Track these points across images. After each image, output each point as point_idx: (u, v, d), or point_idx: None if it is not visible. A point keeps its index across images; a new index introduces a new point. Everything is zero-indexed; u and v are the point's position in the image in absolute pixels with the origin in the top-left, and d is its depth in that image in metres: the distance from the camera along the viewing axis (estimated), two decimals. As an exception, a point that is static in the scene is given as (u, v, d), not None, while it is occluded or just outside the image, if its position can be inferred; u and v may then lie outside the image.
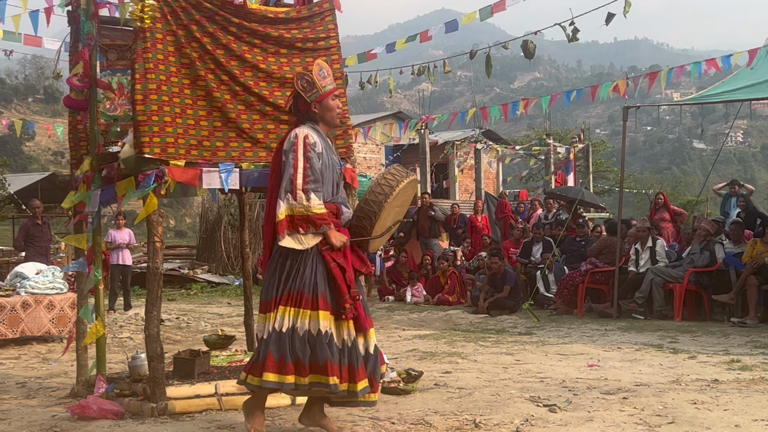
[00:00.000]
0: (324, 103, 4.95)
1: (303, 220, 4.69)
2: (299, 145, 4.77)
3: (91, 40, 6.16)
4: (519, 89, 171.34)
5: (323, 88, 4.94)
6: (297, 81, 4.93)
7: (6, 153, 54.64)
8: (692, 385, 6.45)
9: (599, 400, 5.89)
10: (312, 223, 4.69)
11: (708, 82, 16.10)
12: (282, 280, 4.74)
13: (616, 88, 15.39)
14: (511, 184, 41.45)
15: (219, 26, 6.01)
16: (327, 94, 4.96)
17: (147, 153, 5.58)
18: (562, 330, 10.70)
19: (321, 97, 4.93)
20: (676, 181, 66.66)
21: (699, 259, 11.81)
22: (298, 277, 4.70)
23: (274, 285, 4.75)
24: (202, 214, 25.18)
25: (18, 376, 7.70)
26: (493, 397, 6.06)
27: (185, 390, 5.78)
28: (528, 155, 31.62)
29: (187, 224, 71.63)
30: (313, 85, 4.91)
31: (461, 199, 30.49)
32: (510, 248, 16.07)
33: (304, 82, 4.91)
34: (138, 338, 10.26)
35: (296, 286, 4.69)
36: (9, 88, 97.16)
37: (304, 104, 4.93)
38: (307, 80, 4.91)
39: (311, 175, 4.73)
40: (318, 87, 4.92)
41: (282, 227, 4.67)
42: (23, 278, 10.25)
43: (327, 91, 4.96)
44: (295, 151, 4.75)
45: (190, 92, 5.85)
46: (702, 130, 61.77)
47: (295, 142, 4.78)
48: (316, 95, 4.92)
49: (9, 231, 34.02)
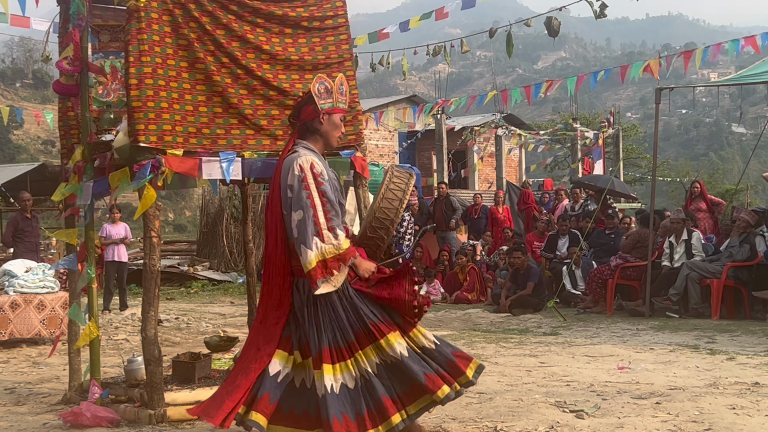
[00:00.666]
0: (333, 118, 4.88)
1: (335, 260, 4.59)
2: (309, 179, 4.63)
3: (81, 20, 6.18)
4: (543, 70, 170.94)
5: (338, 102, 4.90)
6: (315, 84, 4.84)
7: (-7, 142, 54.93)
8: (731, 388, 6.44)
9: (630, 405, 5.88)
10: (343, 261, 4.62)
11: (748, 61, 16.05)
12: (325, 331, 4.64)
13: (647, 68, 15.31)
14: (534, 173, 41.37)
15: (219, 4, 6.00)
16: (340, 110, 4.92)
17: (142, 141, 5.59)
18: (590, 330, 10.69)
19: (333, 110, 4.87)
20: (713, 168, 66.37)
21: (738, 252, 11.76)
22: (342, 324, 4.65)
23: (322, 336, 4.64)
24: (202, 207, 25.24)
25: (6, 381, 7.75)
26: (516, 403, 6.07)
27: (185, 396, 5.80)
28: (553, 141, 31.55)
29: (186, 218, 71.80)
30: (330, 93, 4.85)
31: (481, 189, 30.47)
32: (534, 242, 16.05)
33: (322, 87, 4.84)
34: (135, 340, 10.30)
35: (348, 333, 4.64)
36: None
37: (310, 112, 4.84)
38: (326, 87, 4.85)
39: (330, 209, 4.65)
40: (334, 99, 4.87)
41: (317, 275, 4.54)
42: (11, 276, 10.30)
43: (340, 108, 4.93)
44: (307, 188, 4.61)
45: (188, 76, 5.85)
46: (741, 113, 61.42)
47: (303, 176, 4.62)
48: (330, 105, 4.85)
49: (-4, 226, 34.19)
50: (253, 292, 7.63)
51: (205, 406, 4.65)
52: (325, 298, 4.62)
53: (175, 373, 6.27)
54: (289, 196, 4.63)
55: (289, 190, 4.64)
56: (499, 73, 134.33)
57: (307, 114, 4.85)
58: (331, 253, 4.57)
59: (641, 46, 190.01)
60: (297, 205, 4.59)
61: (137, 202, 5.67)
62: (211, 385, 5.95)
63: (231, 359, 6.89)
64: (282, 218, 4.70)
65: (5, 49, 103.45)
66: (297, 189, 4.61)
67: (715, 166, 69.13)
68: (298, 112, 4.91)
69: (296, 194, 4.61)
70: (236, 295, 17.63)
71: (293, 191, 4.62)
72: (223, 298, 17.27)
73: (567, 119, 36.20)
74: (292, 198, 4.61)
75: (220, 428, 4.51)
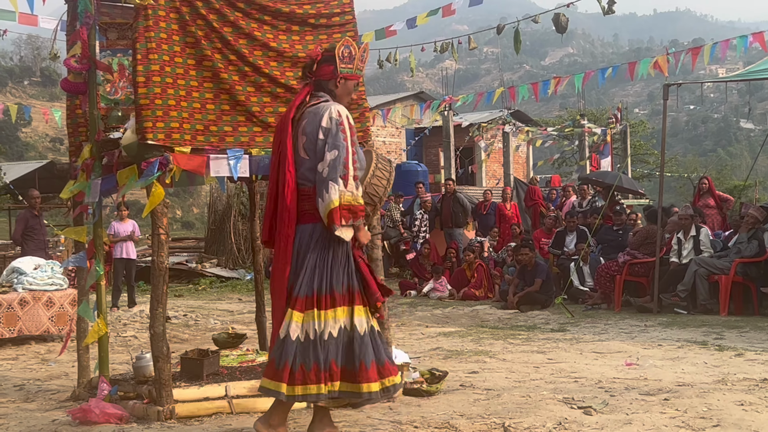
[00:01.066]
0: (348, 83, 4.95)
1: (348, 210, 4.65)
2: (345, 125, 4.72)
3: (89, 18, 6.18)
4: (550, 66, 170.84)
5: (357, 69, 4.97)
6: (340, 48, 4.88)
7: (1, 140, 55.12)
8: (739, 384, 6.42)
9: (638, 401, 5.87)
10: (354, 215, 4.67)
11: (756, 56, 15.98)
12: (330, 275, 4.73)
13: (655, 64, 15.28)
14: (541, 169, 41.31)
15: (226, 2, 6.00)
16: (356, 77, 4.99)
17: (150, 139, 5.60)
18: (598, 326, 10.68)
19: (351, 76, 4.94)
20: (721, 164, 66.25)
21: (746, 248, 11.73)
22: (342, 273, 4.75)
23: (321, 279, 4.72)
24: (210, 204, 25.27)
25: (16, 378, 7.78)
26: (524, 399, 6.06)
27: (193, 392, 5.81)
28: (561, 138, 31.52)
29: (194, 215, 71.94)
30: (352, 59, 4.92)
31: (488, 186, 30.43)
32: (541, 238, 16.04)
33: (346, 51, 4.90)
34: (143, 337, 10.33)
35: (344, 282, 4.74)
36: (3, 70, 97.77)
37: (328, 72, 4.89)
38: (351, 52, 4.91)
39: (357, 161, 4.74)
40: (354, 65, 4.94)
41: (338, 215, 4.61)
42: (20, 274, 10.33)
43: (357, 75, 4.99)
44: (344, 132, 4.68)
45: (196, 73, 5.86)
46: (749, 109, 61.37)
47: (341, 121, 4.70)
48: (349, 71, 4.92)
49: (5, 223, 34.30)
50: (261, 288, 7.64)
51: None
52: (331, 242, 4.70)
53: (184, 370, 6.28)
54: (321, 138, 4.68)
55: (321, 132, 4.68)
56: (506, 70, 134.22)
57: (325, 73, 4.89)
58: (347, 200, 4.64)
59: (649, 42, 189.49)
60: (333, 145, 4.64)
61: (145, 200, 5.67)
62: (219, 382, 5.96)
63: (238, 356, 6.91)
64: (293, 163, 4.73)
65: (13, 47, 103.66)
66: (334, 131, 4.67)
67: (723, 162, 68.99)
68: (317, 68, 4.92)
69: (333, 136, 4.66)
70: (244, 292, 17.65)
71: (329, 134, 4.67)
72: (231, 295, 17.30)
73: (575, 115, 36.17)
74: (326, 140, 4.65)
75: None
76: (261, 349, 7.32)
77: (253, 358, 6.77)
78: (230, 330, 7.69)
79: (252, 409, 5.70)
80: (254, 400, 5.74)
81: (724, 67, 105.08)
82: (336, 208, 4.60)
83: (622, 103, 41.36)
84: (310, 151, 4.72)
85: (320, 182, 4.65)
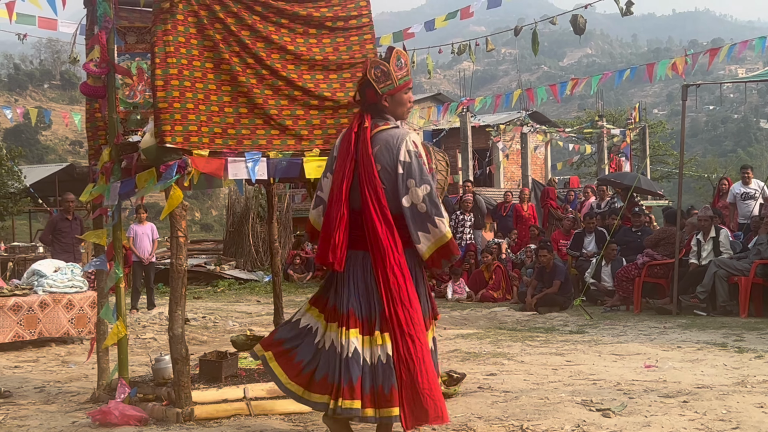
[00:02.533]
0: (396, 96, 4.79)
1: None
2: (423, 155, 4.72)
3: (108, 22, 6.22)
4: (569, 67, 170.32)
5: (399, 80, 4.78)
6: (371, 69, 4.76)
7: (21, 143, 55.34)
8: (759, 387, 6.39)
9: (657, 403, 5.85)
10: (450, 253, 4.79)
11: (776, 56, 15.88)
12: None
13: (673, 66, 15.21)
14: (560, 171, 41.21)
15: (243, 5, 6.02)
16: (401, 87, 4.80)
17: (169, 142, 5.62)
18: (617, 328, 10.64)
19: (394, 90, 4.77)
20: (741, 164, 65.72)
21: (766, 249, 11.66)
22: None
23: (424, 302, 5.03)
24: (228, 206, 25.37)
25: (36, 379, 7.83)
26: (542, 401, 6.05)
27: (212, 394, 5.83)
28: (579, 139, 31.44)
29: (213, 217, 72.25)
30: (388, 75, 4.75)
31: (506, 187, 30.40)
32: (560, 240, 16.00)
33: (378, 72, 4.74)
34: (162, 339, 10.37)
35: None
36: (23, 74, 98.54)
37: (373, 96, 4.77)
38: (383, 70, 4.74)
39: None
40: (393, 79, 4.76)
41: (454, 245, 4.77)
42: (41, 276, 10.40)
43: (402, 84, 4.81)
44: (425, 164, 4.68)
45: (214, 77, 5.88)
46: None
47: (419, 153, 4.67)
48: (390, 87, 4.76)
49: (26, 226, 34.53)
50: (279, 291, 7.66)
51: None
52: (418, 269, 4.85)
53: (203, 372, 6.31)
54: (401, 172, 4.62)
55: (401, 166, 4.62)
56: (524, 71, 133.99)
57: (371, 97, 4.80)
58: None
59: (668, 42, 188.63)
60: (421, 180, 4.61)
61: (164, 202, 5.69)
62: (238, 384, 5.98)
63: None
64: (381, 193, 4.64)
65: (33, 51, 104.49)
66: (417, 165, 4.63)
67: (743, 163, 68.46)
68: (363, 94, 4.83)
69: (418, 170, 4.62)
70: (262, 294, 17.70)
71: (411, 168, 4.62)
72: (250, 297, 17.35)
73: (593, 116, 36.04)
74: (410, 175, 4.61)
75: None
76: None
77: (271, 360, 6.77)
78: (248, 332, 7.69)
79: (271, 411, 5.73)
80: (273, 402, 5.76)
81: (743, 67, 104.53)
82: (452, 239, 4.69)
83: (641, 103, 41.23)
84: (385, 180, 4.64)
85: (420, 216, 4.61)
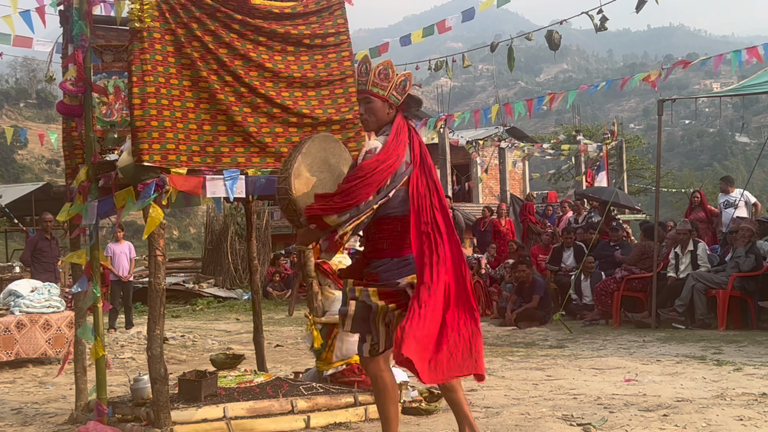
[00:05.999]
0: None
1: None
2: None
3: (84, 41, 6.20)
4: (545, 82, 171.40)
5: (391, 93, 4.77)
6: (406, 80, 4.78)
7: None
8: (738, 399, 6.42)
9: (637, 417, 5.87)
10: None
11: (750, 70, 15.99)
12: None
13: (647, 78, 15.30)
14: (538, 185, 41.39)
15: (221, 23, 6.02)
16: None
17: (146, 161, 5.61)
18: (597, 342, 10.67)
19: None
20: (717, 178, 66.01)
21: (744, 262, 11.73)
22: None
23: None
24: (207, 224, 25.30)
25: (13, 401, 7.76)
26: (523, 417, 6.06)
27: (191, 414, 5.79)
28: (557, 154, 31.62)
29: (191, 235, 72.00)
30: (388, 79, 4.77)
31: (484, 202, 30.48)
32: (539, 254, 16.04)
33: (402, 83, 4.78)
34: (140, 358, 10.30)
35: None
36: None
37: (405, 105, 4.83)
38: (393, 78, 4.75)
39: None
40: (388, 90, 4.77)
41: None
42: (17, 296, 10.31)
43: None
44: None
45: (192, 95, 5.88)
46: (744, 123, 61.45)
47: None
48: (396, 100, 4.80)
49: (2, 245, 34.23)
50: (259, 308, 7.63)
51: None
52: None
53: (182, 392, 6.27)
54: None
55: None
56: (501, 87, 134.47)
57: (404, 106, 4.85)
58: None
59: (643, 57, 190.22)
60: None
61: (141, 221, 5.67)
62: (218, 403, 5.94)
63: (236, 377, 6.89)
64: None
65: (9, 70, 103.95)
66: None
67: (719, 176, 68.85)
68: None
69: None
70: (241, 312, 17.63)
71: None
72: (229, 315, 17.28)
73: (570, 131, 36.25)
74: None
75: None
76: (259, 370, 7.31)
77: (251, 379, 6.74)
78: (228, 351, 7.67)
79: (251, 430, 5.69)
80: (252, 421, 5.73)
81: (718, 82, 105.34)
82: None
83: (618, 118, 41.53)
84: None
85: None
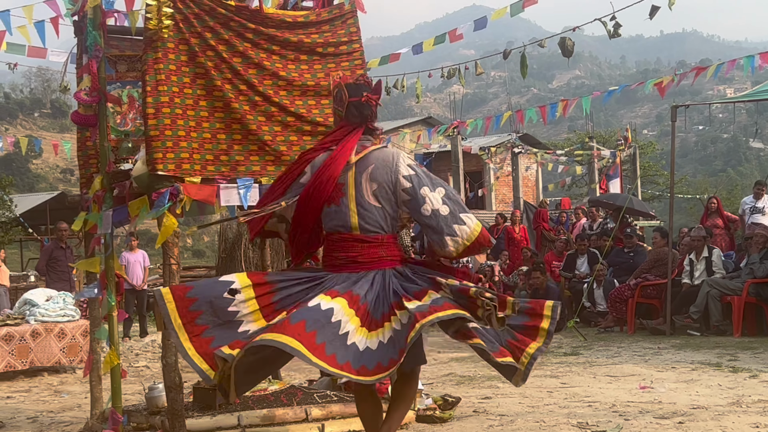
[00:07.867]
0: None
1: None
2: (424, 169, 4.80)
3: (98, 51, 6.23)
4: (558, 89, 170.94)
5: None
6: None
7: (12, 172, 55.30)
8: (754, 406, 6.39)
9: (652, 425, 5.84)
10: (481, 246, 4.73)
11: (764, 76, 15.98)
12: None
13: (659, 84, 15.26)
14: (552, 193, 41.30)
15: (235, 33, 6.04)
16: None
17: (160, 170, 5.62)
18: (612, 349, 10.64)
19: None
20: (731, 183, 66.07)
21: (759, 269, 11.68)
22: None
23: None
24: (220, 233, 25.23)
25: (29, 410, 7.79)
26: (537, 425, 6.04)
27: (206, 422, 5.80)
28: (570, 161, 31.55)
29: (205, 243, 72.08)
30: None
31: (498, 210, 30.45)
32: (552, 261, 16.01)
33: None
34: (155, 367, 10.33)
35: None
36: (14, 103, 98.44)
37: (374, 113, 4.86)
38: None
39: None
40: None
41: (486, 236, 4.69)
42: (32, 305, 10.37)
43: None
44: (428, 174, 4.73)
45: (206, 104, 5.89)
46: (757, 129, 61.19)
47: (418, 164, 4.74)
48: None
49: (17, 255, 34.41)
50: (273, 317, 7.62)
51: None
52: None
53: (196, 400, 6.28)
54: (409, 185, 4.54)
55: (406, 180, 4.54)
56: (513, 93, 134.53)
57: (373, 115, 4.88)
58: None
59: (656, 63, 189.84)
60: (433, 184, 4.58)
61: (155, 229, 5.69)
62: (233, 411, 5.95)
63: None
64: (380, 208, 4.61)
65: (24, 80, 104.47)
66: (421, 173, 4.60)
67: (733, 182, 68.77)
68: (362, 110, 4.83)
69: (425, 176, 4.61)
70: (255, 320, 17.62)
71: (416, 178, 4.56)
72: (243, 323, 17.26)
73: (583, 138, 36.17)
74: (421, 181, 4.56)
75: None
76: (273, 378, 7.31)
77: (265, 387, 6.74)
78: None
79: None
80: (267, 430, 5.73)
81: (732, 87, 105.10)
82: (482, 230, 4.60)
83: (631, 124, 41.42)
84: (383, 199, 4.59)
85: (444, 220, 4.51)
